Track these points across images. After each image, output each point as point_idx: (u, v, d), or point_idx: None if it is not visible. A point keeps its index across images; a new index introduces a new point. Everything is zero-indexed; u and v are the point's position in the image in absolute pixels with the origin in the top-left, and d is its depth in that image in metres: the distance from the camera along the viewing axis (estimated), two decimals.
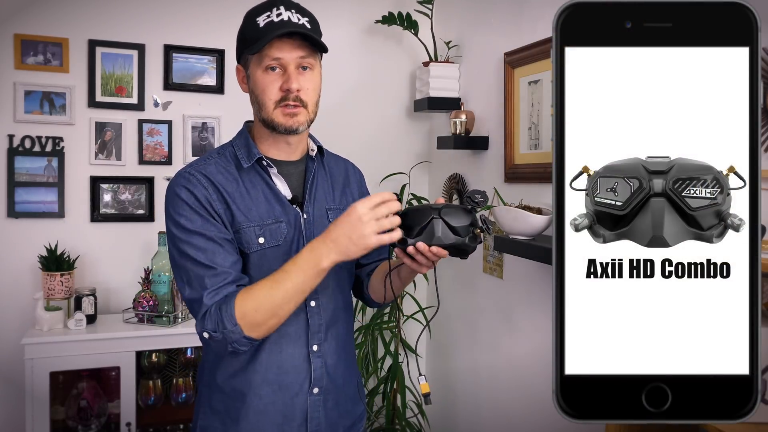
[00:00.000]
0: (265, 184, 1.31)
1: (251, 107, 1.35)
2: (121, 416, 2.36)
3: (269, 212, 1.29)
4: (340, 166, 1.46)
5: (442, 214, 1.12)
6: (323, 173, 1.40)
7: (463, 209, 1.14)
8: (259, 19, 1.24)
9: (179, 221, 1.24)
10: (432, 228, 1.11)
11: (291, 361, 1.30)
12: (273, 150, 1.33)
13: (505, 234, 2.01)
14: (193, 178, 1.26)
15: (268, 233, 1.27)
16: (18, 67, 2.51)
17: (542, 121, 2.11)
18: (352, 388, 1.42)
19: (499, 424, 2.42)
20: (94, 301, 2.44)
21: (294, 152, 1.35)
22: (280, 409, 1.30)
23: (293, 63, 1.24)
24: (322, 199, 1.36)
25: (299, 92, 1.24)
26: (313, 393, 1.32)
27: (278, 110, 1.25)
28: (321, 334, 1.33)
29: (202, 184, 1.25)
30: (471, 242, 1.13)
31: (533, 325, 2.17)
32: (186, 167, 1.31)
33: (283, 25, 1.21)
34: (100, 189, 2.62)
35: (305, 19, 1.25)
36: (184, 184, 1.26)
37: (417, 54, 2.94)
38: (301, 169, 1.37)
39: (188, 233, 1.23)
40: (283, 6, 1.23)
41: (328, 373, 1.34)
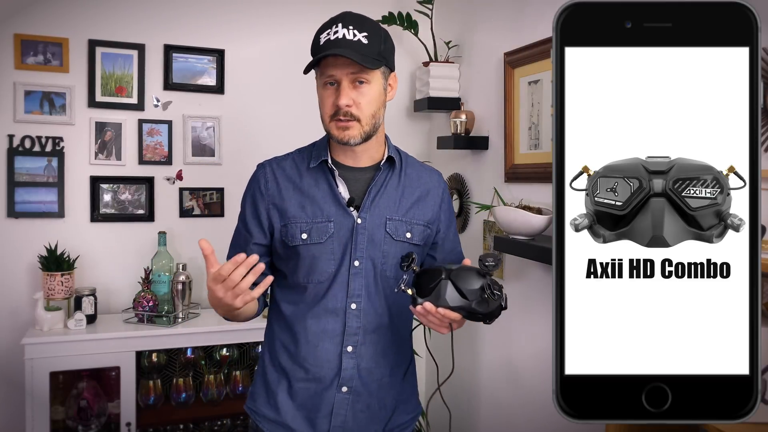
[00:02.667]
0: (327, 184, 1.38)
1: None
2: (121, 416, 2.36)
3: (322, 211, 1.36)
4: (423, 179, 1.47)
5: (451, 276, 1.14)
6: (395, 182, 1.42)
7: (476, 272, 1.15)
8: (321, 36, 1.31)
9: (243, 206, 1.46)
10: (439, 289, 1.13)
11: (325, 356, 1.38)
12: (342, 156, 1.40)
13: (505, 234, 2.01)
14: (263, 171, 1.43)
15: (314, 230, 1.35)
16: (18, 67, 2.51)
17: (542, 121, 2.11)
18: (390, 397, 1.44)
19: (499, 424, 2.42)
20: (94, 301, 2.44)
21: (360, 159, 1.40)
22: (310, 396, 1.39)
23: (346, 79, 1.30)
24: (384, 207, 1.38)
25: (350, 107, 1.30)
26: (341, 391, 1.38)
27: (333, 123, 1.33)
28: (358, 337, 1.37)
29: (265, 177, 1.42)
30: (478, 306, 1.13)
31: (533, 325, 2.17)
32: (270, 159, 1.47)
33: (337, 43, 1.27)
34: (100, 189, 2.62)
35: (362, 34, 1.29)
36: (256, 175, 1.44)
37: (417, 54, 2.94)
38: (369, 176, 1.40)
39: (242, 223, 1.45)
40: (341, 23, 1.30)
41: (360, 376, 1.38)
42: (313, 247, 1.35)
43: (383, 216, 1.38)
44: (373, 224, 1.37)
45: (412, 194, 1.43)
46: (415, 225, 1.41)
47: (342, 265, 1.36)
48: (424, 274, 1.17)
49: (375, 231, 1.37)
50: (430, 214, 1.44)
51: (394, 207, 1.39)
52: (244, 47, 2.79)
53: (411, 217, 1.41)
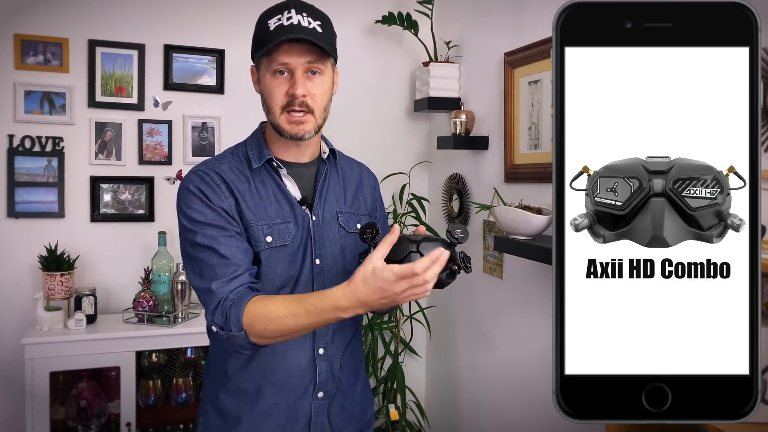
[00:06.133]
0: (276, 184, 1.31)
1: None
2: (121, 416, 2.36)
3: (278, 212, 1.29)
4: (355, 170, 1.45)
5: (420, 248, 1.09)
6: (335, 176, 1.39)
7: (442, 243, 1.11)
8: (270, 21, 1.23)
9: (191, 214, 1.25)
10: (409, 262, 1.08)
11: (297, 364, 1.30)
12: (283, 152, 1.33)
13: (505, 234, 2.00)
14: (205, 176, 1.27)
15: (276, 233, 1.27)
16: (18, 67, 2.51)
17: (542, 121, 2.11)
18: (358, 393, 1.42)
19: (499, 424, 2.42)
20: (94, 301, 2.44)
21: (304, 154, 1.35)
22: (284, 411, 1.30)
23: (301, 68, 1.23)
24: (332, 201, 1.36)
25: (305, 97, 1.24)
26: (317, 397, 1.32)
27: (284, 116, 1.25)
28: (327, 338, 1.33)
29: (214, 181, 1.26)
30: (448, 278, 1.10)
31: (533, 325, 2.17)
32: (199, 165, 1.32)
33: (291, 29, 1.20)
34: (100, 189, 2.62)
35: (317, 22, 1.23)
36: (195, 182, 1.27)
37: (417, 54, 2.94)
38: (313, 171, 1.36)
39: (200, 225, 1.23)
40: (294, 9, 1.22)
41: (333, 377, 1.34)
42: (279, 250, 1.27)
43: (333, 210, 1.35)
44: (326, 220, 1.33)
45: (351, 185, 1.41)
46: (362, 215, 1.40)
47: (304, 266, 1.30)
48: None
49: (329, 226, 1.33)
50: (370, 202, 1.43)
51: (341, 200, 1.37)
52: (244, 47, 2.76)
53: (356, 208, 1.39)
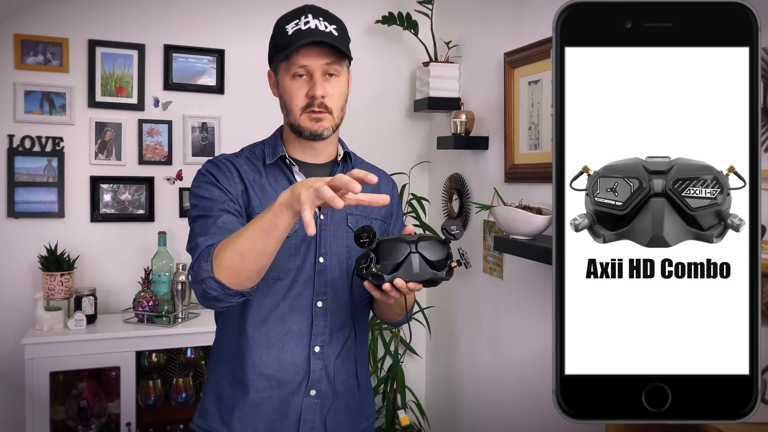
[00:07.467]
0: (287, 180, 1.35)
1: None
2: (121, 416, 2.36)
3: None
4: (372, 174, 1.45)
5: (419, 248, 1.08)
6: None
7: (438, 241, 1.10)
8: (288, 26, 1.28)
9: (198, 192, 1.31)
10: (410, 264, 1.07)
11: (291, 359, 1.32)
12: (299, 152, 1.37)
13: (505, 234, 2.00)
14: (219, 163, 1.34)
15: None
16: (18, 67, 2.51)
17: (542, 121, 2.11)
18: (354, 400, 1.41)
19: (499, 424, 2.42)
20: (94, 301, 2.44)
21: (319, 156, 1.38)
22: (275, 405, 1.32)
23: (319, 70, 1.27)
24: None
25: (324, 99, 1.28)
26: (309, 395, 1.32)
27: (304, 115, 1.30)
28: (325, 337, 1.33)
29: (227, 167, 1.33)
30: (447, 276, 1.09)
31: (533, 325, 2.17)
32: (217, 156, 1.38)
33: (310, 33, 1.25)
34: (100, 189, 2.62)
35: (333, 26, 1.28)
36: (208, 166, 1.34)
37: (417, 54, 2.94)
38: (327, 172, 1.39)
39: (203, 200, 1.29)
40: (311, 14, 1.28)
41: (327, 377, 1.34)
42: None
43: (344, 211, 1.35)
44: (335, 220, 1.35)
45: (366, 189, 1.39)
46: (374, 220, 1.40)
47: (306, 262, 1.31)
48: (384, 249, 1.08)
49: (337, 226, 1.35)
50: (385, 207, 1.42)
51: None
52: (244, 47, 2.79)
53: (368, 211, 1.39)
